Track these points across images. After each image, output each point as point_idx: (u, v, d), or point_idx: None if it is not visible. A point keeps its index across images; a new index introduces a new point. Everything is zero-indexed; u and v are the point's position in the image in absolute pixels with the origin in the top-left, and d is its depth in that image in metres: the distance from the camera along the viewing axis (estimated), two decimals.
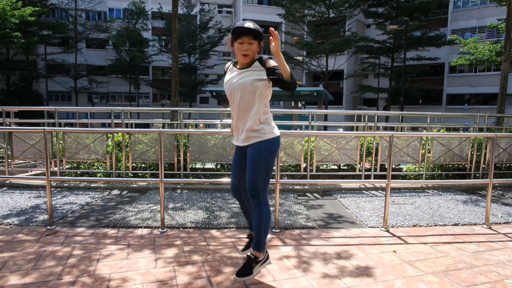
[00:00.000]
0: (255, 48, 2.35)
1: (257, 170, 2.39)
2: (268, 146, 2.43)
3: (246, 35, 2.30)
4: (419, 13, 28.35)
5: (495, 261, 2.95)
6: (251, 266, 2.41)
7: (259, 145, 2.42)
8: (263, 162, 2.40)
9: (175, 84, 8.60)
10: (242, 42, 2.31)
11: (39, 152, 5.88)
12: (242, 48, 2.32)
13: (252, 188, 2.40)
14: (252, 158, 2.41)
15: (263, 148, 2.42)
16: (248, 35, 2.30)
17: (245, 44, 2.31)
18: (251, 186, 2.40)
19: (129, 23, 30.96)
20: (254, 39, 2.32)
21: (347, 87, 33.48)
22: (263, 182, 2.42)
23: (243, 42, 2.31)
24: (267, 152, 2.43)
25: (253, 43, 2.33)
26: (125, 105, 32.51)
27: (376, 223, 3.96)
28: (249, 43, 2.32)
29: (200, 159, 6.00)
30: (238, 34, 2.32)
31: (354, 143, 6.13)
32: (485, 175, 6.59)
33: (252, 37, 2.31)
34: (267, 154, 2.42)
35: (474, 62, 14.70)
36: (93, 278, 2.51)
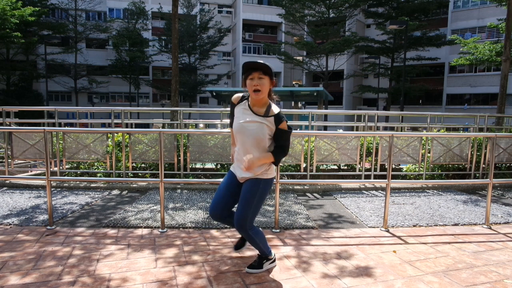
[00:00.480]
0: (266, 83, 2.33)
1: (249, 206, 2.42)
2: (265, 185, 2.49)
3: (256, 70, 2.31)
4: (419, 13, 28.36)
5: (495, 261, 2.95)
6: (261, 262, 2.63)
7: (257, 182, 2.46)
8: (257, 199, 2.45)
9: (175, 84, 8.60)
10: (253, 78, 2.31)
11: (39, 152, 5.88)
12: (253, 83, 2.31)
13: (241, 223, 2.43)
14: (248, 194, 2.43)
15: (261, 186, 2.46)
16: (258, 70, 2.31)
17: (255, 79, 2.30)
18: (240, 221, 2.42)
19: (129, 23, 30.96)
20: (264, 74, 2.31)
21: (347, 87, 33.47)
22: (252, 217, 2.47)
23: (253, 78, 2.31)
24: (263, 191, 2.48)
25: (263, 77, 2.32)
26: (125, 105, 32.52)
27: (376, 223, 3.96)
28: (259, 78, 2.30)
29: (200, 159, 6.00)
30: (247, 69, 2.34)
31: (354, 143, 6.13)
32: (485, 175, 6.59)
33: (262, 72, 2.31)
34: (262, 193, 2.47)
35: (474, 62, 14.69)
36: (93, 278, 2.51)
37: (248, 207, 2.41)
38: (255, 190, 2.44)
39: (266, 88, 2.34)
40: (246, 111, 2.42)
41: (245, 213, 2.41)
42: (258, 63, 2.31)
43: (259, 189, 2.45)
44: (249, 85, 2.33)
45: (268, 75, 2.34)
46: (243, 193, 2.45)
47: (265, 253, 2.64)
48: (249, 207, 2.42)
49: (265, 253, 2.64)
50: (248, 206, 2.41)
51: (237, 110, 2.48)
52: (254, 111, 2.40)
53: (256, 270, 2.60)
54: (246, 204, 2.41)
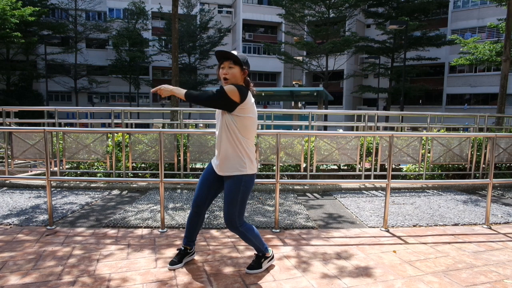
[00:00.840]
0: (236, 72, 2.37)
1: (234, 204, 2.43)
2: (247, 182, 2.45)
3: (227, 60, 2.37)
4: (419, 13, 28.34)
5: (495, 261, 2.95)
6: (260, 262, 2.65)
7: (238, 180, 2.43)
8: (241, 196, 2.45)
9: (175, 84, 8.60)
10: (223, 67, 2.38)
11: (39, 152, 5.87)
12: (224, 72, 2.38)
13: (230, 221, 2.46)
14: (230, 193, 2.43)
15: (240, 184, 2.43)
16: (229, 60, 2.37)
17: (225, 68, 2.37)
18: (229, 219, 2.45)
19: (129, 23, 30.94)
20: (234, 63, 2.36)
21: (347, 87, 33.47)
22: (240, 213, 2.47)
23: (224, 67, 2.38)
24: (246, 188, 2.46)
25: (233, 67, 2.37)
26: (125, 105, 32.51)
27: (376, 223, 3.96)
28: (229, 67, 2.36)
29: (200, 159, 6.00)
30: (219, 58, 2.40)
31: (354, 143, 6.13)
32: (485, 175, 6.59)
33: (232, 61, 2.36)
34: (245, 190, 2.46)
35: (474, 62, 14.69)
36: (93, 278, 2.51)
37: (233, 204, 2.43)
38: (236, 188, 2.42)
39: (234, 76, 2.38)
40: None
41: (233, 210, 2.43)
42: (227, 53, 2.36)
43: (239, 186, 2.43)
44: (220, 73, 2.41)
45: (238, 64, 2.37)
46: (227, 192, 2.45)
47: (261, 250, 2.64)
48: (235, 204, 2.43)
49: (261, 250, 2.64)
50: (234, 203, 2.43)
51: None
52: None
53: (255, 270, 2.61)
54: (230, 201, 2.43)
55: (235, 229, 2.49)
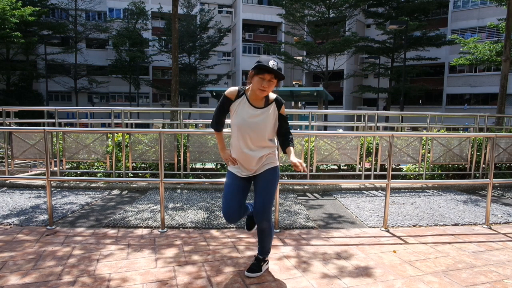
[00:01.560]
0: (273, 87, 2.39)
1: (272, 194, 2.50)
2: (278, 172, 2.60)
3: (269, 73, 2.32)
4: (419, 13, 28.34)
5: (495, 261, 2.95)
6: (260, 265, 2.64)
7: (274, 171, 2.55)
8: (275, 186, 2.56)
9: (175, 84, 8.60)
10: (263, 78, 2.32)
11: (39, 152, 5.87)
12: (262, 83, 2.32)
13: (267, 212, 2.46)
14: (269, 183, 2.50)
15: (277, 173, 2.57)
16: (271, 73, 2.32)
17: (265, 81, 2.32)
18: (266, 211, 2.45)
19: (129, 23, 30.94)
20: (275, 78, 2.35)
21: (347, 87, 33.46)
22: (272, 205, 2.55)
23: (264, 79, 2.32)
24: (278, 177, 2.59)
25: (273, 82, 2.35)
26: (125, 105, 32.50)
27: (376, 223, 3.96)
28: (269, 80, 2.33)
29: (200, 159, 6.00)
30: (262, 70, 2.33)
31: (354, 143, 6.13)
32: (485, 175, 6.59)
33: (274, 76, 2.33)
34: (278, 179, 2.59)
35: (474, 61, 14.69)
36: (93, 278, 2.51)
37: (271, 194, 2.50)
38: (274, 178, 2.53)
39: (271, 90, 2.40)
40: (247, 107, 2.43)
41: (269, 201, 2.47)
42: (275, 71, 2.31)
43: (277, 175, 2.56)
44: (258, 82, 2.33)
45: (278, 79, 2.38)
46: (263, 185, 2.49)
47: (267, 253, 2.66)
48: (272, 194, 2.51)
49: (267, 253, 2.66)
50: (271, 194, 2.50)
51: (235, 106, 2.45)
52: (254, 105, 2.43)
53: (256, 273, 2.59)
54: (268, 192, 2.48)
55: (267, 220, 2.48)
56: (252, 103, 2.43)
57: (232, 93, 2.45)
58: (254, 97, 2.43)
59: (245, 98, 2.43)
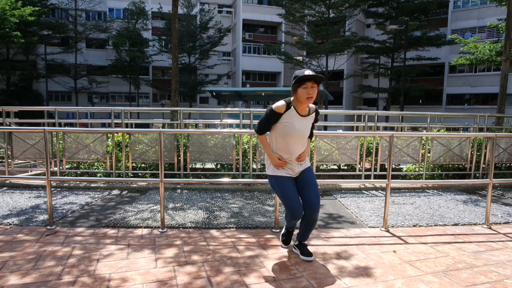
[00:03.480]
0: (316, 91, 2.67)
1: (317, 188, 2.86)
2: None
3: (310, 81, 2.61)
4: (419, 13, 28.34)
5: (495, 261, 2.95)
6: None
7: (311, 169, 2.97)
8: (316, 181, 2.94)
9: (175, 84, 8.60)
10: (306, 87, 2.62)
11: (39, 152, 5.87)
12: (307, 92, 2.62)
13: (319, 204, 2.79)
14: (313, 178, 2.89)
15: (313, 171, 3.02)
16: (311, 80, 2.61)
17: (308, 88, 2.62)
18: (318, 203, 2.78)
19: (129, 23, 30.92)
20: (315, 83, 2.64)
21: (347, 87, 33.46)
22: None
23: (307, 87, 2.62)
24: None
25: (315, 86, 2.64)
26: (125, 105, 32.49)
27: (376, 223, 3.96)
28: (312, 87, 2.63)
29: (200, 159, 6.00)
30: (302, 81, 2.61)
31: (354, 143, 6.13)
32: (485, 175, 6.59)
33: (314, 81, 2.62)
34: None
35: (474, 61, 14.67)
36: (93, 278, 2.51)
37: (317, 188, 2.84)
38: (313, 174, 2.95)
39: (315, 94, 2.67)
40: (297, 118, 2.73)
41: (319, 194, 2.82)
42: (315, 76, 2.60)
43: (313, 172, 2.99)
44: (303, 93, 2.63)
45: (318, 83, 2.66)
46: (310, 180, 2.85)
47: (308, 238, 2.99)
48: (318, 189, 2.85)
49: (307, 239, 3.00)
50: (317, 187, 2.85)
51: (285, 118, 2.72)
52: (301, 114, 2.75)
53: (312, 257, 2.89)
54: (315, 187, 2.83)
55: (318, 212, 2.80)
56: (301, 114, 2.75)
57: (281, 108, 2.72)
58: (301, 108, 2.74)
59: (294, 111, 2.72)
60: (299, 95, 2.65)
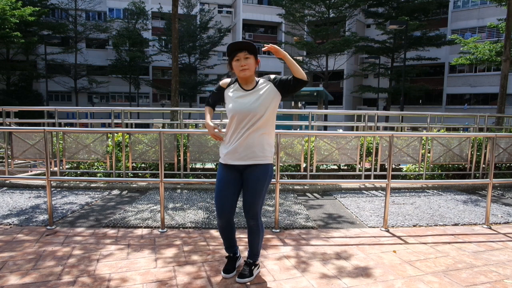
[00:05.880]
0: (252, 63, 2.33)
1: (259, 192, 2.39)
2: (271, 170, 2.47)
3: (241, 51, 2.29)
4: (419, 13, 28.32)
5: (495, 261, 2.95)
6: (251, 269, 2.53)
7: (266, 168, 2.41)
8: (266, 184, 2.43)
9: (175, 84, 8.60)
10: (239, 59, 2.31)
11: (39, 152, 5.87)
12: (240, 63, 2.30)
13: (254, 211, 2.40)
14: (258, 180, 2.38)
15: (269, 171, 2.43)
16: (243, 51, 2.29)
17: (241, 59, 2.30)
18: (253, 209, 2.40)
19: (129, 23, 30.90)
20: (249, 53, 2.31)
21: (347, 87, 33.46)
22: (262, 204, 2.46)
23: (239, 59, 2.30)
24: (270, 176, 2.44)
25: (249, 57, 2.31)
26: (125, 105, 32.47)
27: (376, 223, 3.96)
28: (245, 58, 2.30)
29: (200, 159, 6.00)
30: (232, 51, 2.31)
31: (354, 143, 6.13)
32: (485, 175, 6.59)
33: (247, 52, 2.30)
34: (270, 177, 2.44)
35: (474, 61, 14.68)
36: (93, 278, 2.51)
37: (259, 192, 2.38)
38: (265, 175, 2.40)
39: (252, 66, 2.33)
40: (239, 91, 2.40)
41: (257, 199, 2.39)
42: (243, 43, 2.30)
43: (268, 173, 2.42)
44: (236, 66, 2.32)
45: (253, 53, 2.33)
46: (252, 180, 2.38)
47: (257, 255, 2.57)
48: (260, 192, 2.39)
49: (257, 256, 2.56)
50: (259, 192, 2.38)
51: (227, 93, 2.45)
52: (245, 89, 2.40)
53: (248, 279, 2.47)
54: (256, 190, 2.38)
55: (256, 219, 2.42)
56: (243, 87, 2.40)
57: (224, 83, 2.50)
58: (244, 82, 2.40)
59: (237, 84, 2.43)
60: (234, 69, 2.35)
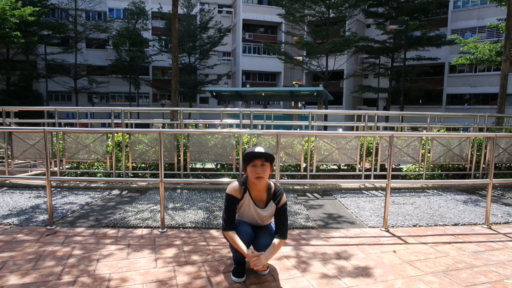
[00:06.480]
0: (267, 170, 2.41)
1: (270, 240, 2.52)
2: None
3: (258, 158, 2.36)
4: (419, 13, 28.34)
5: (495, 261, 2.95)
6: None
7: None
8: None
9: (175, 84, 8.60)
10: (255, 165, 2.37)
11: (39, 152, 5.87)
12: (256, 170, 2.36)
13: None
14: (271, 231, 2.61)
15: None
16: (260, 158, 2.36)
17: (258, 166, 2.36)
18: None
19: (129, 23, 30.91)
20: (266, 161, 2.39)
21: (347, 87, 33.46)
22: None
23: (256, 165, 2.36)
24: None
25: (265, 165, 2.39)
26: (125, 105, 32.48)
27: (376, 223, 3.96)
28: (262, 165, 2.37)
29: (200, 159, 6.00)
30: (250, 158, 2.38)
31: (354, 143, 6.13)
32: (485, 175, 6.59)
33: (264, 159, 2.37)
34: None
35: (474, 61, 14.68)
36: (93, 278, 2.51)
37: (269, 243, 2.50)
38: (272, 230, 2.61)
39: (267, 174, 2.41)
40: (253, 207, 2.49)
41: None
42: (261, 153, 2.36)
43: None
44: (252, 171, 2.38)
45: (269, 162, 2.41)
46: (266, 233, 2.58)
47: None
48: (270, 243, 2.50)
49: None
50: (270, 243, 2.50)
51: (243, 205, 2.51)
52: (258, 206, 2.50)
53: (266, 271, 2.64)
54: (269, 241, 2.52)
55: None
56: (256, 203, 2.49)
57: (237, 191, 2.46)
58: (256, 190, 2.48)
59: (249, 198, 2.48)
60: (248, 173, 2.42)
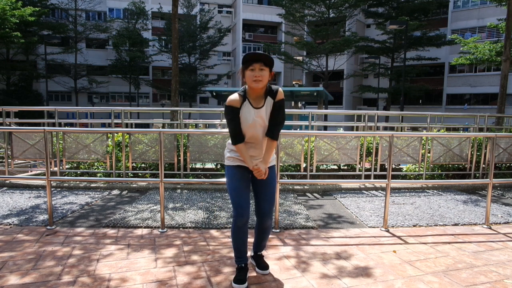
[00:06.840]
0: (266, 75, 2.31)
1: (274, 190, 2.58)
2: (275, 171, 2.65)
3: (257, 62, 2.27)
4: (419, 13, 28.34)
5: (495, 261, 2.95)
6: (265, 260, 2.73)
7: (274, 168, 2.61)
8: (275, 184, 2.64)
9: (175, 84, 8.60)
10: (254, 69, 2.28)
11: (39, 152, 5.87)
12: (254, 74, 2.28)
13: (272, 210, 2.53)
14: (272, 180, 2.55)
15: (276, 171, 2.65)
16: (259, 62, 2.27)
17: (256, 70, 2.28)
18: (271, 208, 2.52)
19: (129, 23, 30.93)
20: (265, 65, 2.29)
21: (347, 87, 33.46)
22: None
23: (254, 69, 2.28)
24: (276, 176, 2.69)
25: (264, 69, 2.29)
26: (125, 105, 32.48)
27: (376, 223, 3.96)
28: (260, 69, 2.28)
29: (200, 159, 6.00)
30: (248, 61, 2.29)
31: (354, 143, 6.13)
32: (485, 175, 6.59)
33: (263, 63, 2.28)
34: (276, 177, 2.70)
35: (474, 61, 14.68)
36: (92, 278, 2.51)
37: (274, 191, 2.57)
38: (275, 175, 2.60)
39: (266, 79, 2.31)
40: (251, 110, 2.37)
41: (274, 197, 2.57)
42: (261, 54, 2.28)
43: (275, 172, 2.63)
44: (249, 75, 2.29)
45: (269, 66, 2.31)
46: (268, 181, 2.50)
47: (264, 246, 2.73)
48: (274, 190, 2.58)
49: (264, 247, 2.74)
50: (274, 190, 2.58)
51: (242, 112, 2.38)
52: (255, 107, 2.38)
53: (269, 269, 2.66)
54: (272, 189, 2.55)
55: (271, 219, 2.55)
56: (253, 105, 2.37)
57: (236, 102, 2.35)
58: (254, 96, 2.38)
59: (249, 103, 2.37)
60: (246, 78, 2.31)
